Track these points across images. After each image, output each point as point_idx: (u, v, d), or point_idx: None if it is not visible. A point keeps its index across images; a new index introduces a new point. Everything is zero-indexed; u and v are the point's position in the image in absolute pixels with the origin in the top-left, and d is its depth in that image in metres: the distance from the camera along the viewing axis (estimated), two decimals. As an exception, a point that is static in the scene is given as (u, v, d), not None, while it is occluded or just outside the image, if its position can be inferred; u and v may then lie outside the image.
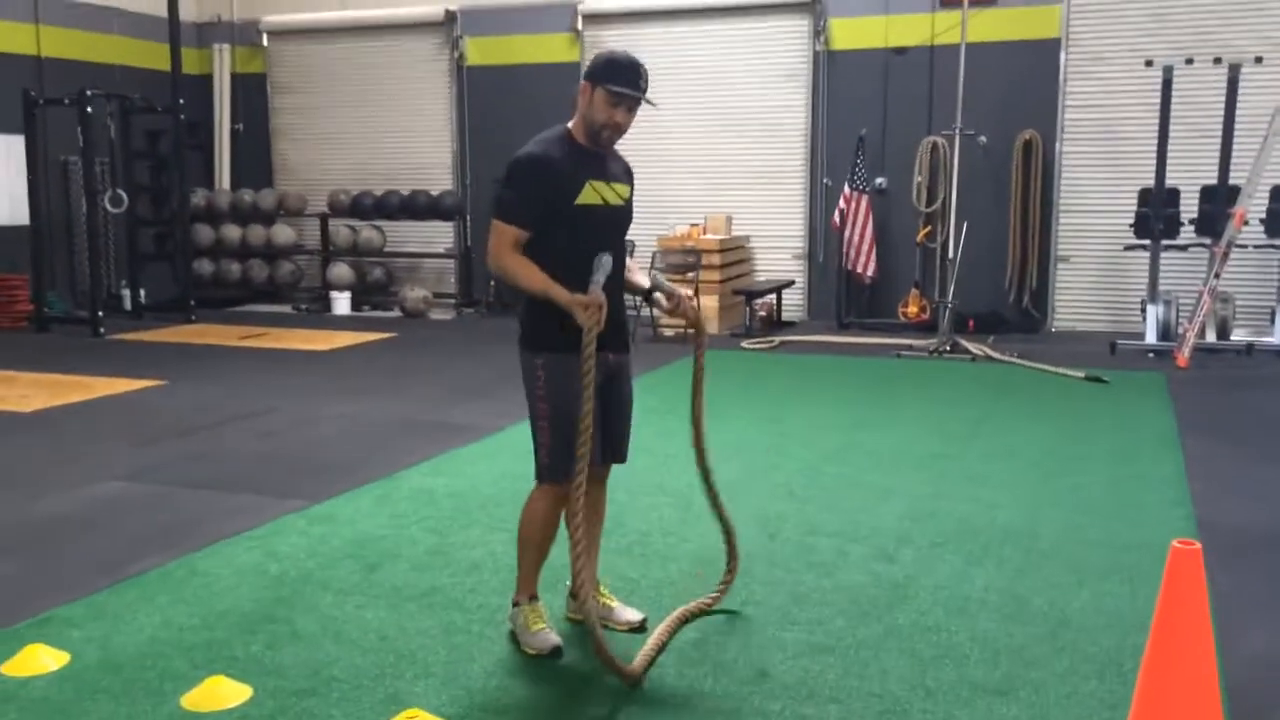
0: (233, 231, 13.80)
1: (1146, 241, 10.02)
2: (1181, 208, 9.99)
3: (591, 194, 3.42)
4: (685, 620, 3.75)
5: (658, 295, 3.68)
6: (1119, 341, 9.89)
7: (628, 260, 3.69)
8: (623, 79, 3.39)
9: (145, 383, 8.41)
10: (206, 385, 8.38)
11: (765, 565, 4.38)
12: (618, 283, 3.55)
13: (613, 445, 3.63)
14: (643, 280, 3.72)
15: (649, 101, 3.47)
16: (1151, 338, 9.77)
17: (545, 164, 3.39)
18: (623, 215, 3.58)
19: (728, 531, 3.93)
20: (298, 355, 9.96)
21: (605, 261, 3.36)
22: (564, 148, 3.44)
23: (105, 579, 4.24)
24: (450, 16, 13.25)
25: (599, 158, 3.49)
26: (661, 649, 3.53)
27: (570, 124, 3.49)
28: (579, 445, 3.30)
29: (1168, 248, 10.01)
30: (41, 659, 3.50)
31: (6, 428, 7.00)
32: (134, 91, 12.68)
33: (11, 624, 3.80)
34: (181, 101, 12.44)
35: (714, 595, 3.90)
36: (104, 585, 4.18)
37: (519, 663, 3.52)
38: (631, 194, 3.63)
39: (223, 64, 14.38)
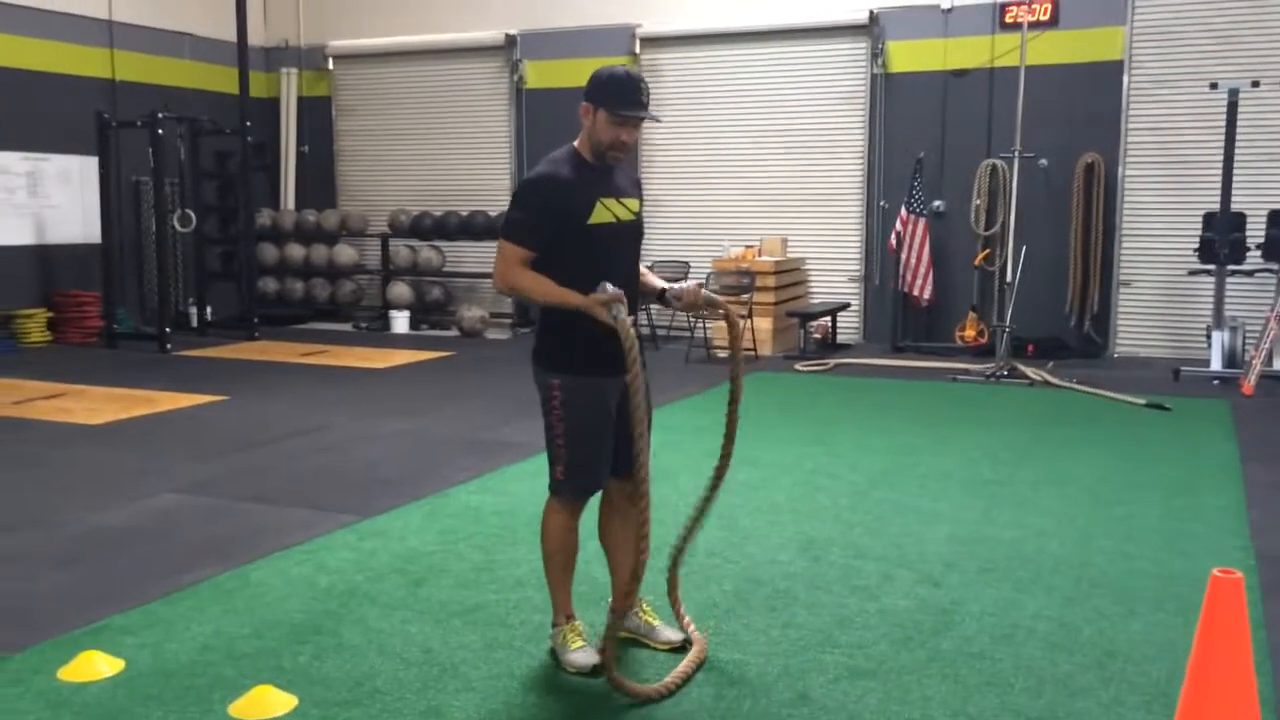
0: (296, 251, 14.09)
1: (1211, 266, 9.84)
2: (1248, 232, 9.79)
3: (603, 212, 3.45)
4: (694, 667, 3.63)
5: (670, 293, 3.61)
6: (1183, 368, 9.71)
7: (640, 267, 3.70)
8: (626, 100, 3.37)
9: (208, 398, 8.61)
10: (267, 401, 8.55)
11: (808, 588, 4.36)
12: (632, 301, 3.55)
13: (630, 461, 3.64)
14: (657, 283, 3.70)
15: (653, 117, 3.46)
16: (1216, 364, 9.58)
17: (554, 185, 3.41)
18: (634, 230, 3.59)
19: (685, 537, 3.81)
20: (356, 373, 10.12)
21: (604, 286, 3.33)
22: (573, 167, 3.45)
23: (161, 588, 4.35)
24: (510, 40, 13.45)
25: (607, 173, 3.51)
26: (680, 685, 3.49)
27: (577, 142, 3.51)
28: (636, 450, 3.31)
29: (1233, 273, 9.83)
30: (97, 665, 3.60)
31: (75, 440, 7.21)
32: (203, 114, 13.04)
33: (69, 630, 3.91)
34: (249, 124, 12.75)
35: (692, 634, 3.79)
36: (160, 594, 4.28)
37: (558, 680, 3.54)
38: (641, 207, 3.64)
39: (289, 87, 14.71)
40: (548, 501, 3.64)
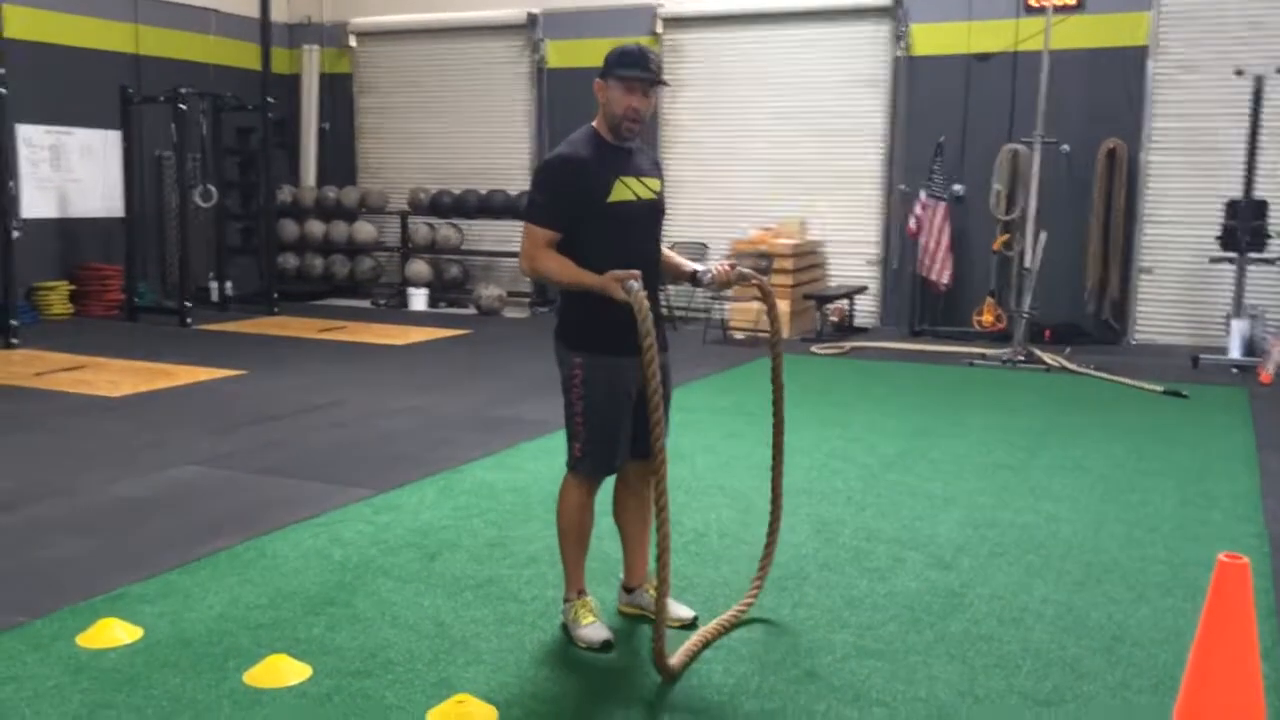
0: (316, 227, 14.14)
1: (1232, 254, 9.77)
2: (1269, 220, 9.71)
3: (623, 190, 3.48)
4: (725, 629, 3.75)
5: (701, 274, 3.66)
6: (1201, 356, 9.66)
7: (665, 250, 3.72)
8: (630, 64, 3.45)
9: (227, 372, 8.68)
10: (284, 376, 8.61)
11: (819, 569, 4.39)
12: (652, 282, 3.57)
13: (650, 441, 3.66)
14: (686, 264, 3.74)
15: (662, 82, 3.53)
16: (1235, 353, 9.52)
17: (574, 165, 3.45)
18: (654, 209, 3.62)
19: (773, 533, 3.96)
20: (374, 349, 10.18)
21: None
22: (592, 147, 3.50)
23: (178, 558, 4.41)
24: (531, 19, 13.43)
25: (627, 153, 3.54)
26: (699, 652, 3.57)
27: (595, 123, 3.55)
28: (653, 426, 3.32)
29: (1254, 261, 9.75)
30: (115, 632, 3.66)
31: (95, 411, 7.29)
32: (226, 90, 13.07)
33: (88, 598, 3.98)
34: (271, 100, 12.79)
35: (745, 603, 3.90)
36: (177, 564, 4.34)
37: (569, 654, 3.58)
38: (662, 187, 3.67)
39: (311, 64, 14.74)
40: (565, 478, 3.68)
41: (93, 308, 12.12)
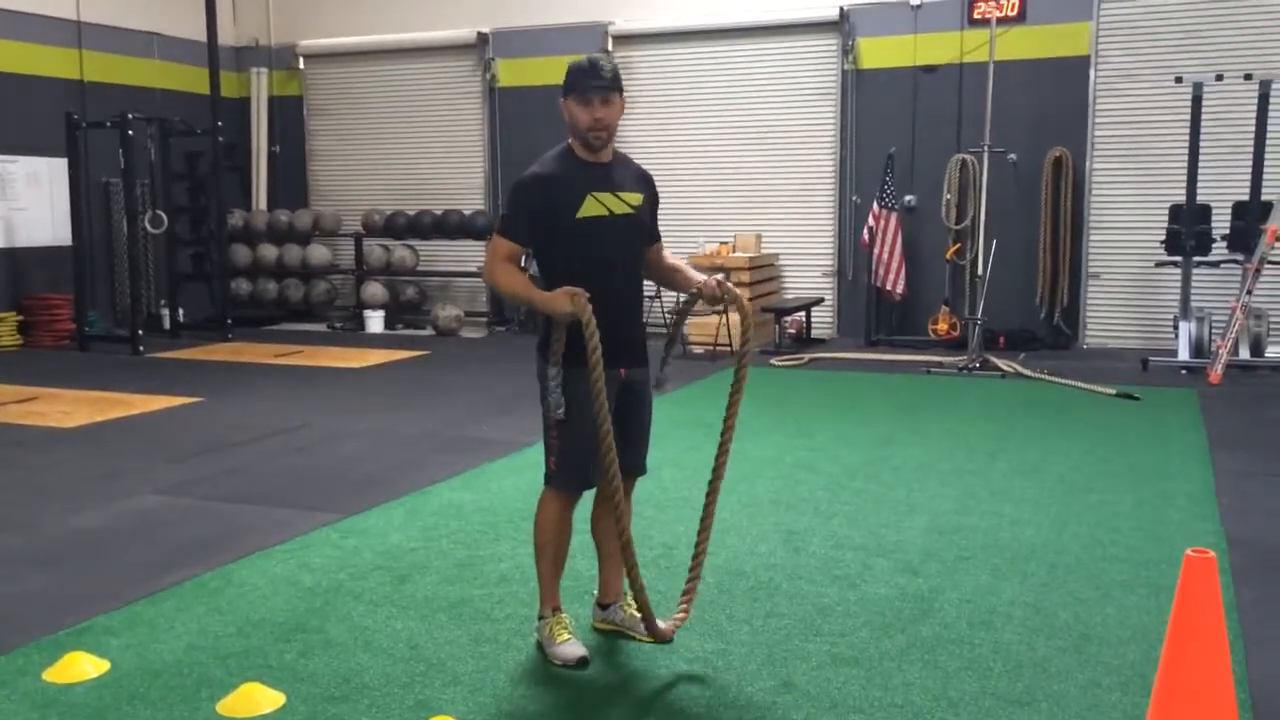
0: (269, 251, 14.02)
1: (1178, 258, 9.98)
2: (1213, 224, 9.94)
3: (594, 206, 3.49)
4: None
5: (697, 288, 3.61)
6: (1151, 358, 9.84)
7: (673, 260, 3.73)
8: (582, 79, 3.47)
9: (182, 400, 8.57)
10: (242, 402, 8.52)
11: (789, 579, 4.42)
12: (634, 299, 3.61)
13: (629, 457, 3.69)
14: (695, 276, 3.65)
15: (614, 88, 3.47)
16: (1184, 354, 9.72)
17: (542, 181, 3.48)
18: (632, 223, 3.59)
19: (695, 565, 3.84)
20: (331, 373, 10.10)
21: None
22: (564, 164, 3.53)
23: (144, 589, 4.34)
24: (482, 39, 13.44)
25: (603, 168, 3.55)
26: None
27: (570, 140, 3.58)
28: (604, 452, 3.38)
29: (1199, 264, 9.97)
30: (82, 666, 3.60)
31: (49, 443, 7.16)
32: (174, 114, 12.94)
33: (53, 632, 3.91)
34: (220, 124, 12.66)
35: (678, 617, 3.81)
36: (142, 595, 4.28)
37: (545, 672, 3.58)
38: (646, 200, 3.64)
39: (260, 87, 14.63)
40: (542, 492, 3.69)
41: (42, 338, 11.92)
